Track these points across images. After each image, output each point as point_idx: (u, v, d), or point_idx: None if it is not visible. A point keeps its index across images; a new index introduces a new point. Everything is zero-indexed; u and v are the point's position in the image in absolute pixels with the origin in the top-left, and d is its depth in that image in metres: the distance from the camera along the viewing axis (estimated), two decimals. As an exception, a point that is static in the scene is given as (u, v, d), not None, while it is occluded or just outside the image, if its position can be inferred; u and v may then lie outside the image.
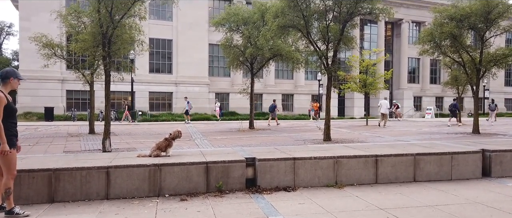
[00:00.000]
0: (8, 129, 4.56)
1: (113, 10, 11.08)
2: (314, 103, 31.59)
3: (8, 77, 4.68)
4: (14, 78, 4.74)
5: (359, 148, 7.35)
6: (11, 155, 4.55)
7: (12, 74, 4.74)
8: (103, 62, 11.42)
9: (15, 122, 4.72)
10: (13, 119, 4.67)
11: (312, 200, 5.34)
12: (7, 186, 4.58)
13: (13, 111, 4.68)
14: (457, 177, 6.58)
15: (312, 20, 14.04)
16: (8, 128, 4.56)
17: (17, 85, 4.81)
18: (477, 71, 16.75)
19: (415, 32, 45.16)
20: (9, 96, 4.70)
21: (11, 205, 4.62)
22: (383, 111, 22.15)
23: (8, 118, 4.58)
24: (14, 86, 4.78)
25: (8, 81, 4.68)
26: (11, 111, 4.62)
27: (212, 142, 14.08)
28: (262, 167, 5.99)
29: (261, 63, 20.03)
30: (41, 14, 29.15)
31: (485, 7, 15.53)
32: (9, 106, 4.59)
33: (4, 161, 4.54)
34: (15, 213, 4.60)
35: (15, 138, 4.68)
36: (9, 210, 4.61)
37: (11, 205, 4.62)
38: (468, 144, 7.91)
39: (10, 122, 4.62)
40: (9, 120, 4.60)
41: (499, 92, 46.20)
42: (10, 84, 4.71)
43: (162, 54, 34.67)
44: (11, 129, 4.62)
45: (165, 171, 5.64)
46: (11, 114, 4.64)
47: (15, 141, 4.66)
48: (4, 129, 4.50)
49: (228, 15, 19.14)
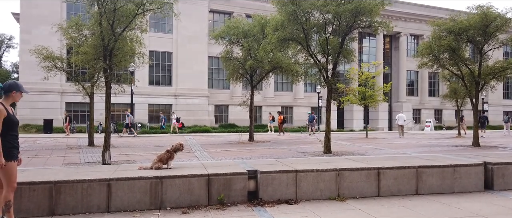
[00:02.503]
0: (9, 141, 4.52)
1: (115, 23, 11.16)
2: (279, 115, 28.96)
3: (10, 91, 4.65)
4: (17, 92, 4.69)
5: (361, 160, 7.33)
6: (11, 167, 4.50)
7: (15, 87, 4.70)
8: (104, 74, 11.44)
9: (16, 134, 4.68)
10: (13, 131, 4.63)
11: (314, 213, 5.30)
12: (7, 199, 4.53)
13: (14, 124, 4.63)
14: (459, 190, 6.55)
15: (311, 33, 14.14)
16: (9, 140, 4.52)
17: (20, 98, 4.77)
18: (476, 84, 16.83)
19: (414, 45, 45.45)
20: (10, 109, 4.67)
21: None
22: (400, 123, 25.72)
23: (9, 130, 4.54)
24: (16, 99, 4.75)
25: (10, 94, 4.65)
26: (11, 123, 4.58)
27: (212, 154, 14.03)
28: (264, 180, 5.96)
29: (260, 75, 20.11)
30: (42, 27, 29.32)
31: (483, 21, 15.68)
32: (9, 119, 4.54)
33: (3, 173, 4.49)
34: None
35: (16, 150, 4.63)
36: None
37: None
38: (469, 157, 7.90)
39: (11, 134, 4.57)
40: (10, 132, 4.55)
41: (497, 105, 46.31)
42: (12, 97, 4.68)
43: (162, 67, 34.78)
44: (12, 141, 4.57)
45: (166, 183, 5.61)
46: (12, 126, 4.59)
47: (16, 153, 4.62)
48: (4, 141, 4.47)
49: (228, 28, 19.27)
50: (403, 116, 26.48)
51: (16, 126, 4.68)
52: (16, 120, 4.70)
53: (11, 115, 4.61)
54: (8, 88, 4.65)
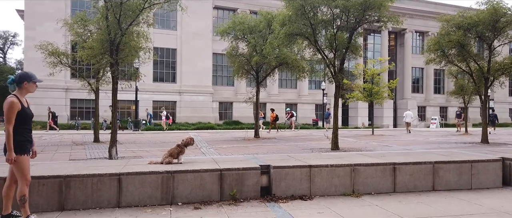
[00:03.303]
0: (22, 134, 4.38)
1: (121, 17, 11.02)
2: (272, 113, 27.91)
3: (22, 82, 4.45)
4: (29, 82, 4.49)
5: (375, 156, 7.17)
6: (23, 161, 4.35)
7: (26, 78, 4.51)
8: (111, 69, 11.32)
9: (29, 127, 4.53)
10: (27, 125, 4.48)
11: (331, 209, 5.16)
12: (22, 193, 4.38)
13: (28, 117, 4.48)
14: (477, 186, 6.39)
15: (319, 28, 13.95)
16: (22, 133, 4.38)
17: (34, 89, 4.56)
18: (485, 80, 16.59)
19: (419, 42, 45.16)
20: (25, 101, 4.50)
21: (27, 213, 4.43)
22: (408, 120, 26.90)
23: (22, 123, 4.40)
24: (30, 90, 4.53)
25: (22, 85, 4.45)
26: (25, 117, 4.42)
27: (218, 150, 13.91)
28: (277, 175, 5.82)
29: (266, 72, 19.94)
30: (46, 23, 29.28)
31: (493, 16, 15.43)
32: (24, 112, 4.39)
33: (16, 167, 4.36)
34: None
35: (29, 143, 4.50)
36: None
37: (27, 213, 4.44)
38: (486, 153, 7.73)
39: (24, 128, 4.43)
40: (23, 126, 4.42)
41: (503, 102, 45.96)
42: (25, 89, 4.48)
43: (166, 63, 34.68)
44: (25, 135, 4.43)
45: (178, 178, 5.48)
46: (26, 120, 4.44)
47: (29, 146, 4.48)
48: (17, 135, 4.33)
49: (234, 24, 19.10)
50: (411, 113, 27.75)
51: (30, 120, 4.53)
52: (31, 113, 4.55)
53: (25, 108, 4.46)
54: (20, 80, 4.47)
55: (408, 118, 27.08)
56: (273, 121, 27.23)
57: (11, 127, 4.27)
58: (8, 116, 4.27)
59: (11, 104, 4.28)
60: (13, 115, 4.27)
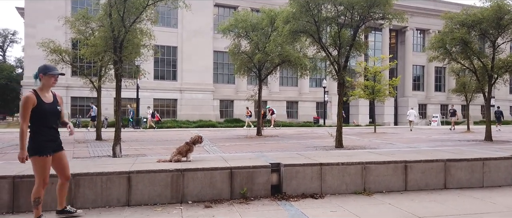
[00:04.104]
0: (41, 133, 4.16)
1: (125, 14, 10.92)
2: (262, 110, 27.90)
3: (38, 75, 4.22)
4: (45, 75, 4.22)
5: (385, 154, 7.11)
6: (40, 162, 4.14)
7: (41, 70, 4.25)
8: (115, 67, 11.23)
9: (49, 125, 4.25)
10: (47, 123, 4.21)
11: (344, 208, 5.09)
12: (37, 195, 4.22)
13: (47, 113, 4.19)
14: (489, 184, 6.33)
15: (323, 25, 13.88)
16: (41, 132, 4.17)
17: (52, 82, 4.27)
18: (489, 78, 16.54)
19: (420, 40, 45.09)
20: (48, 97, 4.25)
21: (39, 214, 4.32)
22: (411, 118, 27.62)
23: (40, 120, 4.15)
24: (48, 84, 4.25)
25: (40, 79, 4.22)
26: (43, 113, 4.15)
27: (222, 148, 13.85)
28: (288, 173, 5.75)
29: (269, 69, 19.86)
30: (47, 21, 29.15)
31: (497, 13, 15.35)
32: (40, 108, 4.12)
33: (34, 168, 4.20)
34: None
35: (52, 143, 4.26)
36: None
37: (39, 213, 4.32)
38: (496, 150, 7.67)
39: (44, 126, 4.19)
40: (42, 123, 4.17)
41: (504, 100, 45.94)
42: (42, 83, 4.23)
43: (167, 61, 34.57)
44: (45, 133, 4.19)
45: (188, 176, 5.41)
46: (44, 116, 4.16)
47: (51, 146, 4.24)
48: (36, 133, 4.14)
49: (236, 21, 19.01)
50: (414, 111, 28.50)
51: (50, 116, 4.24)
52: (51, 110, 4.24)
53: (45, 103, 4.18)
54: (37, 73, 4.26)
55: (412, 116, 27.68)
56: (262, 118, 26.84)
57: (24, 124, 4.07)
58: (22, 112, 4.08)
59: (24, 100, 4.08)
60: (26, 111, 4.06)
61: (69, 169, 4.55)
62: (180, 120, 32.97)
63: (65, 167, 4.49)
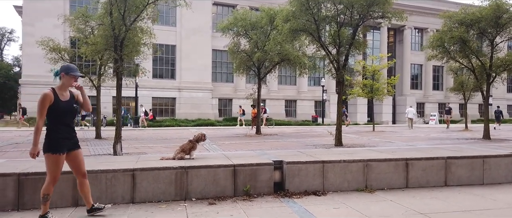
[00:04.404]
0: (56, 130, 4.22)
1: (126, 12, 10.93)
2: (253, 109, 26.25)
3: (59, 73, 4.30)
4: (67, 74, 4.27)
5: (386, 151, 7.17)
6: (53, 159, 4.20)
7: (63, 69, 4.31)
8: (115, 65, 11.25)
9: (66, 123, 4.31)
10: (63, 120, 4.27)
11: (346, 205, 5.15)
12: (46, 192, 4.27)
13: (64, 112, 4.25)
14: (489, 181, 6.40)
15: (323, 24, 13.93)
16: (56, 130, 4.22)
17: (71, 82, 4.30)
18: (487, 77, 16.63)
19: (418, 39, 45.22)
20: (63, 95, 4.29)
21: (46, 210, 4.36)
22: (410, 116, 27.90)
23: (57, 118, 4.21)
24: (67, 83, 4.31)
25: (60, 77, 4.29)
26: (60, 111, 4.21)
27: (221, 146, 13.88)
28: (291, 170, 5.80)
29: (268, 68, 19.90)
30: (45, 19, 29.09)
31: (496, 12, 15.44)
32: (57, 106, 4.17)
33: (46, 164, 4.26)
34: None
35: (67, 140, 4.30)
36: (43, 215, 4.35)
37: (46, 210, 4.36)
38: (495, 148, 7.74)
39: (60, 124, 4.24)
40: (58, 121, 4.22)
41: (501, 98, 46.13)
42: (62, 81, 4.30)
43: (165, 60, 34.53)
44: (60, 131, 4.24)
45: (192, 174, 5.45)
46: (61, 114, 4.22)
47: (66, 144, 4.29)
48: (52, 131, 4.19)
49: (235, 20, 19.03)
50: (413, 110, 28.74)
51: (67, 114, 4.31)
52: (68, 108, 4.30)
53: (61, 101, 4.24)
54: (58, 71, 4.33)
55: (411, 114, 28.00)
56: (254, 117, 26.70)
57: (40, 120, 4.14)
58: (38, 108, 4.16)
59: (42, 97, 4.15)
60: (43, 108, 4.13)
61: (84, 166, 4.59)
62: (179, 118, 32.97)
63: (80, 165, 4.52)
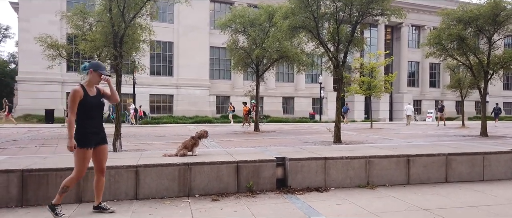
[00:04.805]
0: (85, 125, 4.33)
1: (125, 9, 10.90)
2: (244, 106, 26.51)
3: (88, 69, 4.40)
4: (94, 71, 4.38)
5: (387, 148, 7.21)
6: (82, 154, 4.31)
7: (91, 66, 4.41)
8: (115, 62, 11.21)
9: (94, 118, 4.43)
10: (91, 115, 4.38)
11: (349, 201, 5.18)
12: (67, 184, 4.39)
13: (92, 107, 4.38)
14: (489, 177, 6.46)
15: (322, 21, 13.94)
16: (84, 125, 4.33)
17: (97, 79, 4.42)
18: (484, 74, 16.72)
19: (415, 36, 45.33)
20: (91, 91, 4.40)
21: (59, 202, 4.45)
22: (409, 113, 28.89)
23: (85, 113, 4.32)
24: (94, 80, 4.41)
25: (88, 73, 4.40)
26: (88, 107, 4.33)
27: (221, 143, 13.88)
28: (293, 167, 5.83)
29: (266, 65, 19.90)
30: (41, 15, 28.92)
31: (493, 10, 15.51)
32: (86, 101, 4.30)
33: (75, 158, 4.36)
34: (55, 213, 4.42)
35: (95, 135, 4.42)
36: (53, 205, 4.43)
37: (59, 201, 4.45)
38: (495, 145, 7.81)
39: (88, 119, 4.35)
40: (87, 116, 4.34)
41: (498, 96, 46.40)
42: (89, 77, 4.41)
43: (163, 57, 34.44)
44: (88, 126, 4.35)
45: (195, 170, 5.46)
46: (89, 110, 4.34)
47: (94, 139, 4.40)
48: (81, 126, 4.30)
49: (234, 17, 19.00)
50: (411, 107, 29.96)
51: (95, 110, 4.43)
52: (96, 103, 4.43)
53: (90, 97, 4.35)
54: (86, 67, 4.42)
55: (409, 111, 28.81)
56: (246, 114, 26.40)
57: (72, 116, 4.26)
58: (70, 105, 4.28)
59: (72, 93, 4.27)
60: (74, 104, 4.25)
61: (105, 163, 4.68)
62: (177, 115, 32.95)
63: (103, 160, 4.63)
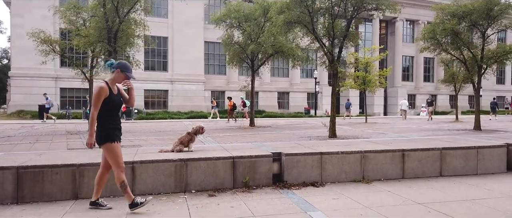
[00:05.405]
0: (111, 121, 4.40)
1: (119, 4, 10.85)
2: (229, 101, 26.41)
3: (115, 68, 4.47)
4: (121, 72, 4.47)
5: (382, 143, 7.26)
6: (114, 148, 4.38)
7: (119, 66, 4.49)
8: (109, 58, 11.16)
9: (117, 115, 4.53)
10: (114, 112, 4.48)
11: (345, 195, 5.22)
12: (120, 180, 4.45)
13: (115, 104, 4.47)
14: (482, 171, 6.53)
15: (318, 15, 13.94)
16: (111, 120, 4.41)
17: (122, 80, 4.51)
18: (478, 68, 16.83)
19: (409, 31, 45.46)
20: (115, 88, 4.49)
21: (131, 197, 4.51)
22: (404, 108, 29.55)
23: (110, 110, 4.40)
24: (118, 80, 4.50)
25: (115, 71, 4.47)
26: (112, 104, 4.42)
27: (216, 139, 13.89)
28: (289, 162, 5.85)
29: (262, 60, 19.88)
30: (34, 10, 28.63)
31: (487, 4, 15.61)
32: (111, 99, 4.38)
33: (108, 155, 4.41)
34: (139, 203, 4.49)
35: (118, 131, 4.52)
36: (132, 203, 4.50)
37: (131, 197, 4.51)
38: (489, 139, 7.88)
39: (112, 115, 4.44)
40: (111, 113, 4.42)
41: (491, 90, 46.75)
42: (115, 76, 4.49)
43: (157, 52, 34.24)
44: (114, 122, 4.46)
45: (191, 166, 5.47)
46: (113, 107, 4.44)
47: (118, 134, 4.52)
48: (107, 122, 4.36)
49: (229, 12, 18.93)
50: (406, 102, 30.54)
51: (117, 108, 4.52)
52: (118, 101, 4.52)
53: (114, 95, 4.43)
54: (114, 65, 4.49)
55: (404, 106, 29.39)
56: (231, 109, 26.23)
57: (96, 112, 4.30)
58: (95, 101, 4.31)
59: (99, 90, 4.31)
60: (99, 101, 4.30)
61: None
62: (171, 111, 32.84)
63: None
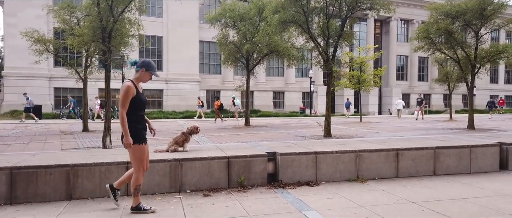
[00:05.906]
0: (138, 121, 4.36)
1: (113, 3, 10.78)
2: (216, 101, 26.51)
3: (139, 67, 4.42)
4: (146, 71, 4.43)
5: (376, 142, 7.29)
6: (140, 150, 4.36)
7: (144, 64, 4.44)
8: (104, 57, 11.10)
9: (142, 114, 4.48)
10: (141, 112, 4.45)
11: (339, 195, 5.24)
12: (138, 183, 4.42)
13: (142, 103, 4.45)
14: (475, 170, 6.58)
15: (312, 15, 13.97)
16: (137, 120, 4.36)
17: (147, 79, 4.49)
18: (472, 68, 16.95)
19: (404, 30, 45.67)
20: (140, 87, 4.47)
21: (138, 201, 4.48)
22: (399, 107, 30.61)
23: (137, 110, 4.36)
24: (143, 79, 4.46)
25: (139, 70, 4.42)
26: (140, 103, 4.39)
27: (211, 138, 13.88)
28: (284, 162, 5.86)
29: (257, 59, 19.88)
30: (28, 10, 28.42)
31: (481, 4, 15.73)
32: (138, 98, 4.34)
33: (133, 156, 4.37)
34: (142, 210, 4.46)
35: (145, 131, 4.50)
36: (136, 206, 4.47)
37: (138, 201, 4.48)
38: (482, 138, 7.95)
39: (139, 114, 4.40)
40: (138, 112, 4.38)
41: (484, 89, 47.09)
42: (140, 75, 4.44)
43: (152, 51, 34.12)
44: (141, 122, 4.42)
45: (186, 166, 5.47)
46: (140, 106, 4.40)
47: (145, 134, 4.49)
48: (134, 122, 4.30)
49: (224, 11, 18.93)
50: (402, 101, 31.59)
51: (143, 107, 4.48)
52: (144, 100, 4.49)
53: (140, 94, 4.40)
54: (138, 64, 4.44)
55: (400, 105, 30.37)
56: (218, 109, 26.10)
57: (124, 111, 4.26)
58: (122, 100, 4.25)
59: (127, 89, 4.26)
60: (127, 100, 4.25)
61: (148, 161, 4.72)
62: (166, 110, 32.76)
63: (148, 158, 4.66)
